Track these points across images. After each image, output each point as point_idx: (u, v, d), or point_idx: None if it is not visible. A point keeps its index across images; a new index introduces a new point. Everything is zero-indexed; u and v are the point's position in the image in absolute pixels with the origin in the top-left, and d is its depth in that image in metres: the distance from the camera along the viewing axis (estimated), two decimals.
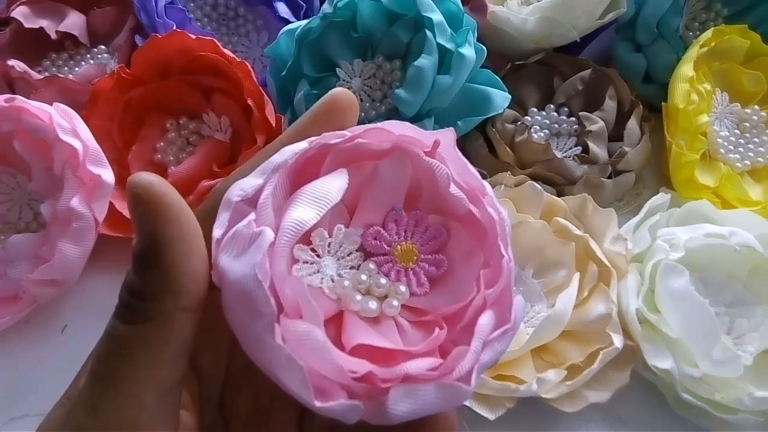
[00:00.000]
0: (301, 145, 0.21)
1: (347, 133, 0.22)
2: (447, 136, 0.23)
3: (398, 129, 0.22)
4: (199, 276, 0.19)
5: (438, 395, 0.19)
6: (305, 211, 0.20)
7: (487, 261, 0.22)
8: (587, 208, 0.42)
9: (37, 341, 0.44)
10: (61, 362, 0.42)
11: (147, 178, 0.19)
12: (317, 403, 0.18)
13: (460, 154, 0.23)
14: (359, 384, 0.19)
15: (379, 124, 0.22)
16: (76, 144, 0.41)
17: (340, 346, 0.20)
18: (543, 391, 0.37)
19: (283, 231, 0.20)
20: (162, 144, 0.48)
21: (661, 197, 0.45)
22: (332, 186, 0.21)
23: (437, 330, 0.21)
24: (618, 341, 0.37)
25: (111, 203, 0.43)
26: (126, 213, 0.44)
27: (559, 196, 0.43)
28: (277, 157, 0.21)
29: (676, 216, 0.44)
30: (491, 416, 0.36)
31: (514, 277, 0.21)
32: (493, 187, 0.43)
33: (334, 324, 0.22)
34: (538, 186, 0.42)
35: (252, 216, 0.20)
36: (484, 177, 0.23)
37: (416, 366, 0.20)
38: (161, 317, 0.19)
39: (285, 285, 0.20)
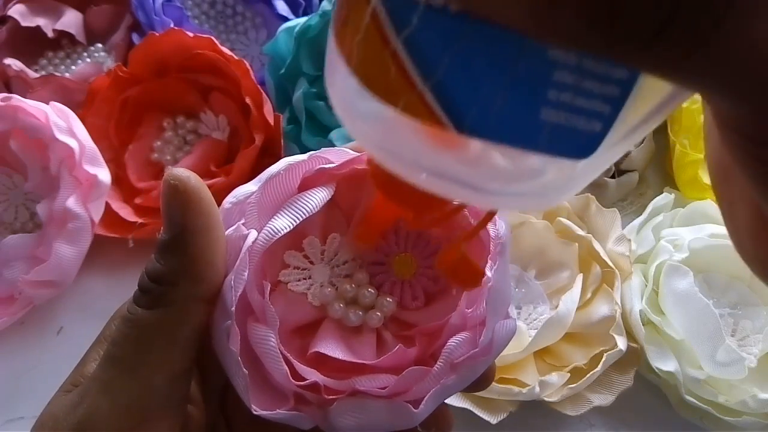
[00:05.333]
0: (298, 157, 0.22)
1: (348, 150, 0.22)
2: None
3: None
4: (218, 268, 0.21)
5: (385, 414, 0.20)
6: (281, 220, 0.21)
7: None
8: (590, 208, 0.42)
9: (32, 343, 0.43)
10: (57, 364, 0.41)
11: (185, 172, 0.20)
12: (254, 409, 0.20)
13: None
14: (308, 392, 0.20)
15: None
16: (73, 143, 0.40)
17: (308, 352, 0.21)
18: (546, 394, 0.36)
19: (257, 240, 0.21)
20: (159, 143, 0.48)
21: (665, 197, 0.45)
22: (312, 198, 0.21)
23: (399, 345, 0.21)
24: (621, 343, 0.37)
25: (107, 203, 0.43)
26: (122, 213, 0.44)
27: None
28: (273, 168, 0.22)
29: (680, 216, 0.44)
30: (493, 420, 0.36)
31: (502, 299, 0.21)
32: None
33: (314, 330, 0.22)
34: None
35: (242, 221, 0.21)
36: None
37: (367, 382, 0.20)
38: (179, 303, 0.20)
39: (253, 291, 0.21)
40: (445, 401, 0.22)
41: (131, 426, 0.20)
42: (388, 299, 0.22)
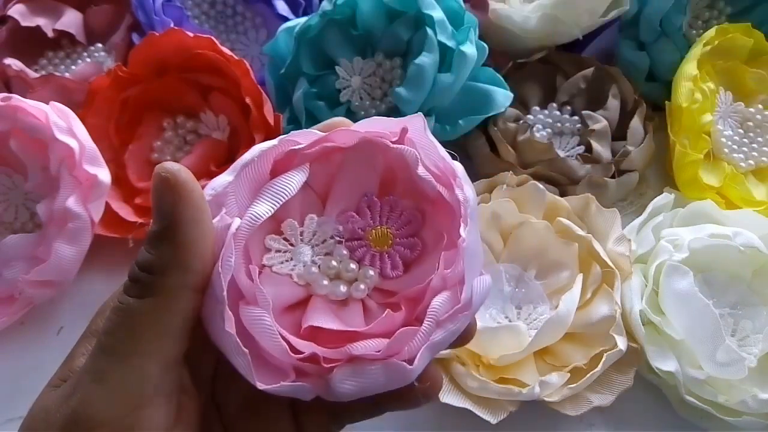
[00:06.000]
0: (269, 143, 0.22)
1: (316, 132, 0.23)
2: (415, 122, 0.23)
3: (365, 127, 0.23)
4: (206, 258, 0.21)
5: (383, 374, 0.21)
6: (261, 206, 0.22)
7: (453, 242, 0.22)
8: (590, 208, 0.42)
9: (33, 343, 0.43)
10: (57, 364, 0.41)
11: (175, 165, 0.21)
12: (259, 385, 0.20)
13: (431, 137, 0.23)
14: (308, 364, 0.21)
15: (345, 128, 0.23)
16: (73, 143, 0.40)
17: (299, 328, 0.22)
18: (545, 394, 0.36)
19: (240, 227, 0.21)
20: (159, 143, 0.48)
21: (665, 197, 0.45)
22: (289, 181, 0.22)
23: (387, 311, 0.22)
24: (621, 343, 0.37)
25: (107, 203, 0.43)
26: (122, 213, 0.44)
27: (561, 196, 0.43)
28: (247, 155, 0.22)
29: (680, 216, 0.44)
30: (493, 420, 0.36)
31: (475, 257, 0.22)
32: (494, 187, 0.43)
33: (302, 308, 0.23)
34: (541, 186, 0.42)
35: (223, 211, 0.22)
36: (454, 158, 0.23)
37: (362, 347, 0.21)
38: (169, 292, 0.20)
39: (242, 275, 0.21)
40: (446, 401, 0.22)
41: (125, 414, 0.20)
42: (370, 271, 0.24)
